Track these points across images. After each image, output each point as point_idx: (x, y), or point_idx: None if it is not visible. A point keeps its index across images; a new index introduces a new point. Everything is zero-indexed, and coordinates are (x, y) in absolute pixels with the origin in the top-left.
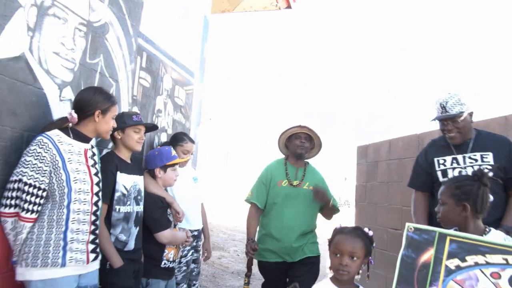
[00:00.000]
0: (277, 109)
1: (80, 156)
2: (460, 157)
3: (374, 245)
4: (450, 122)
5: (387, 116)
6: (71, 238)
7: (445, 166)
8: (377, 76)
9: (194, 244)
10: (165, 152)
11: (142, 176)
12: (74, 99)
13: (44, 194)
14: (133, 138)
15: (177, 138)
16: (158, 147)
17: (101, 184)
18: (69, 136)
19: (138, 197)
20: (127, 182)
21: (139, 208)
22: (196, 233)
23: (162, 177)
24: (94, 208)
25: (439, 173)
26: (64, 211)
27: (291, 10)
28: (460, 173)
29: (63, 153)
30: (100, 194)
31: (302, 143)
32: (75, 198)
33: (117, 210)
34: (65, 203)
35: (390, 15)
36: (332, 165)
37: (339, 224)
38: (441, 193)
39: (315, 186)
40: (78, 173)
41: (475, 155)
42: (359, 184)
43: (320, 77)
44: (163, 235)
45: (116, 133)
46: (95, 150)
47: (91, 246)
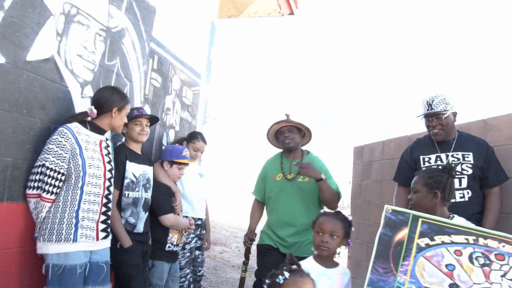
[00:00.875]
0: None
1: (95, 146)
2: (443, 155)
3: (353, 229)
4: (434, 118)
5: (387, 117)
6: (82, 217)
7: (430, 163)
8: (377, 77)
9: (197, 232)
10: (176, 150)
11: (152, 167)
12: (93, 96)
13: (63, 178)
14: (135, 131)
15: (192, 135)
16: (175, 144)
17: (113, 171)
18: (86, 128)
19: (147, 185)
20: (136, 170)
21: (147, 195)
22: (199, 222)
23: (168, 171)
24: (106, 192)
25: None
26: (78, 192)
27: (293, 16)
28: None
29: (81, 142)
30: (112, 180)
31: (286, 137)
32: (88, 181)
33: (126, 195)
34: (79, 185)
35: (390, 16)
36: (335, 166)
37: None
38: (414, 182)
39: (298, 162)
40: (93, 160)
41: (457, 154)
42: (355, 182)
43: (321, 78)
44: (167, 218)
45: (122, 128)
46: (109, 142)
47: (101, 226)
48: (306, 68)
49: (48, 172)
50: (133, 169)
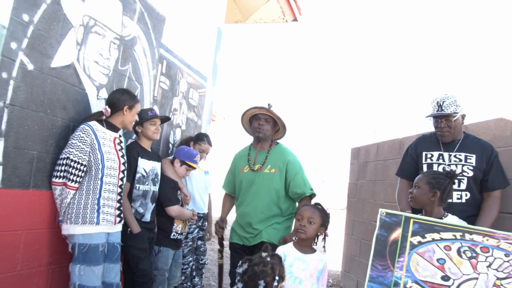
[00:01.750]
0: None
1: (110, 142)
2: (446, 154)
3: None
4: (444, 120)
5: (385, 119)
6: (103, 203)
7: (431, 160)
8: (378, 78)
9: (199, 223)
10: (191, 154)
11: (160, 163)
12: (107, 97)
13: (85, 169)
14: (150, 130)
15: (198, 137)
16: (190, 147)
17: (126, 165)
18: (103, 126)
19: (155, 179)
20: (147, 166)
21: (155, 188)
22: (202, 214)
23: (176, 168)
24: (120, 183)
25: (425, 166)
26: (98, 182)
27: (297, 22)
28: (443, 169)
29: (99, 138)
30: (126, 172)
31: (260, 125)
32: (107, 173)
33: (137, 188)
34: (99, 176)
35: (389, 16)
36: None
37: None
38: (418, 179)
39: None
40: (109, 154)
41: (460, 155)
42: (351, 182)
43: (322, 79)
44: (172, 209)
45: (137, 127)
46: (122, 139)
47: (117, 212)
48: (308, 71)
49: (72, 163)
50: (144, 165)
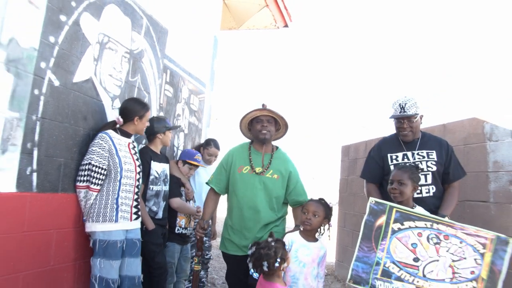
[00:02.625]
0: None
1: (125, 147)
2: (409, 153)
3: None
4: (406, 121)
5: (374, 119)
6: (121, 203)
7: (397, 161)
8: (373, 79)
9: None
10: (190, 153)
11: (168, 164)
12: (120, 107)
13: (105, 172)
14: (169, 137)
15: (207, 142)
16: (191, 149)
17: (141, 167)
18: (117, 133)
19: (165, 179)
20: (158, 168)
21: (166, 188)
22: None
23: (180, 168)
24: (137, 183)
25: (392, 167)
26: (117, 184)
27: (288, 28)
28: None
29: (116, 144)
30: (141, 174)
31: (263, 127)
32: (124, 175)
33: (151, 189)
34: (118, 179)
35: (386, 17)
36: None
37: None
38: (400, 175)
39: None
40: (126, 158)
41: (422, 152)
42: (343, 178)
43: (315, 81)
44: (174, 201)
45: (159, 134)
46: (135, 144)
47: (134, 210)
48: (300, 74)
49: (94, 168)
50: (156, 167)
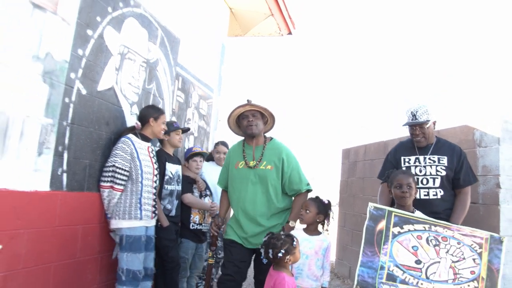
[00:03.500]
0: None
1: (145, 151)
2: (421, 157)
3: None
4: (418, 127)
5: (374, 123)
6: (143, 202)
7: (409, 163)
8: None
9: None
10: (188, 150)
11: (180, 165)
12: (138, 114)
13: (128, 174)
14: (176, 138)
15: (216, 143)
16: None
17: (158, 169)
18: (137, 137)
19: (178, 179)
20: (172, 169)
21: (179, 187)
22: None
23: (188, 166)
24: (155, 184)
25: (404, 169)
26: (139, 185)
27: (292, 36)
28: (420, 171)
29: (137, 148)
30: (158, 176)
31: (249, 122)
32: (145, 177)
33: (166, 188)
34: (139, 180)
35: (385, 17)
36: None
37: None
38: (406, 178)
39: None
40: (146, 161)
41: (434, 157)
42: (343, 179)
43: (315, 81)
44: (185, 196)
45: (164, 136)
46: (153, 147)
47: (153, 209)
48: (303, 78)
49: (117, 170)
50: (170, 168)
